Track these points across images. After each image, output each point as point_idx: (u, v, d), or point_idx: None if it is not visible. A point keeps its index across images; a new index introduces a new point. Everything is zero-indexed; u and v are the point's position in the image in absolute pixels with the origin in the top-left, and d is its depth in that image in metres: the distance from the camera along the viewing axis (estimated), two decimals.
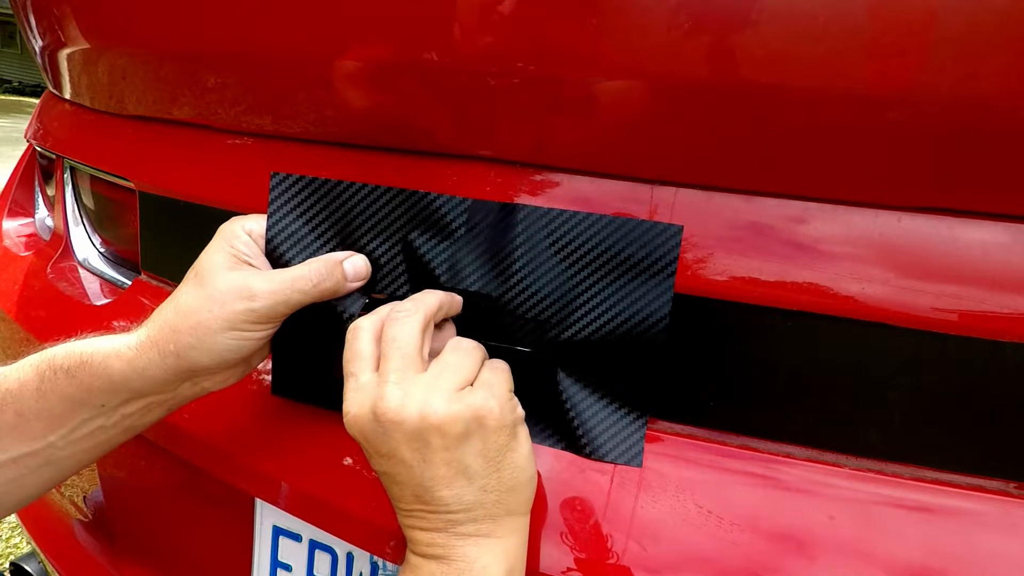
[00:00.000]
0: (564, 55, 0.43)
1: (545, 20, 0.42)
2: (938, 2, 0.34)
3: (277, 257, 0.50)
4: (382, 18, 0.48)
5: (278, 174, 0.50)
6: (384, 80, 0.50)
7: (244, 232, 0.48)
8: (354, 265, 0.48)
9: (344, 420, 0.41)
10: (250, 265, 0.47)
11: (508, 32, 0.43)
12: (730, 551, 0.42)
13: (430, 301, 0.44)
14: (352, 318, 0.49)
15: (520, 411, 0.44)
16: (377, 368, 0.41)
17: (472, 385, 0.42)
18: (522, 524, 0.43)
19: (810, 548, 0.42)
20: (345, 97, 0.53)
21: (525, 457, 0.43)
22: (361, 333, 0.43)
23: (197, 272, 0.46)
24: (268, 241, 0.50)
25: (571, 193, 0.47)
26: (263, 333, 0.46)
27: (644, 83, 0.42)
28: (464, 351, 0.43)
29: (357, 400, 0.41)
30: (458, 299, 0.47)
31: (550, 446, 0.48)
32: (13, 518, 1.67)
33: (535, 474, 0.44)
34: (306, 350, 0.52)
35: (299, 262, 0.49)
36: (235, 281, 0.45)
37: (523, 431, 0.43)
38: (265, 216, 0.50)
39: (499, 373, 0.44)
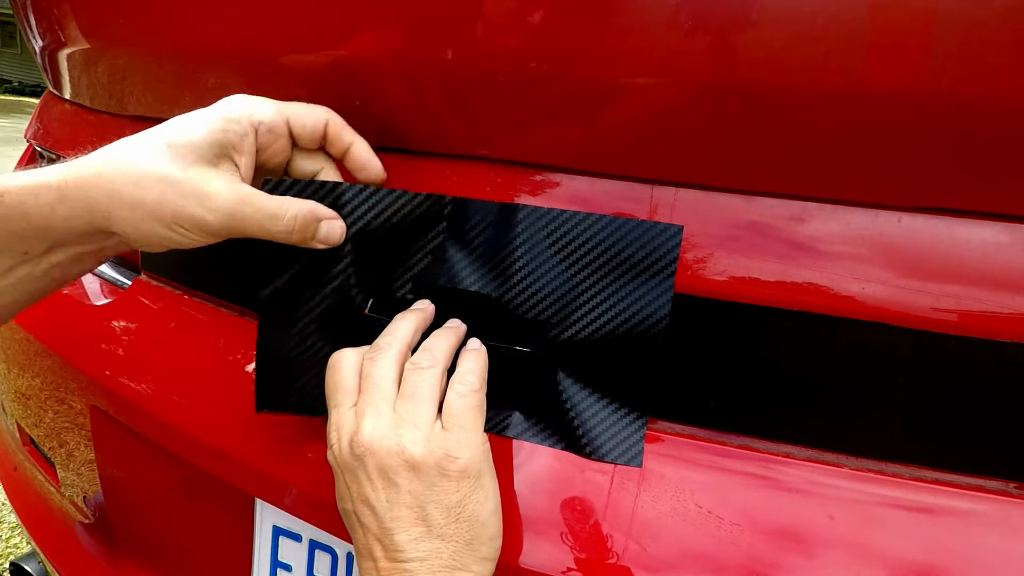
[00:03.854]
0: (565, 55, 0.43)
1: (547, 21, 0.42)
2: (938, 2, 0.34)
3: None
4: (383, 18, 0.48)
5: (270, 180, 0.46)
6: (383, 80, 0.50)
7: (250, 121, 0.43)
8: (330, 227, 0.45)
9: (327, 451, 0.43)
10: (229, 159, 0.42)
11: (510, 33, 0.43)
12: (730, 551, 0.42)
13: (404, 331, 0.45)
14: (345, 320, 0.49)
15: (489, 456, 0.43)
16: (357, 402, 0.43)
17: (442, 420, 0.42)
18: None
19: (810, 548, 0.42)
20: (345, 97, 0.53)
21: (489, 511, 0.41)
22: (344, 365, 0.44)
23: (175, 132, 0.41)
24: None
25: (571, 193, 0.47)
26: (201, 241, 0.42)
27: (644, 83, 0.42)
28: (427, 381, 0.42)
29: (337, 432, 0.42)
30: (431, 308, 0.48)
31: (550, 446, 0.48)
32: (13, 518, 1.67)
33: (498, 534, 0.42)
34: (297, 360, 0.50)
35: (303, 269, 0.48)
36: (202, 179, 0.40)
37: (490, 482, 0.42)
38: (279, 106, 0.45)
39: (475, 412, 0.42)
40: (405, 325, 0.46)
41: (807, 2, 0.36)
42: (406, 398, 0.42)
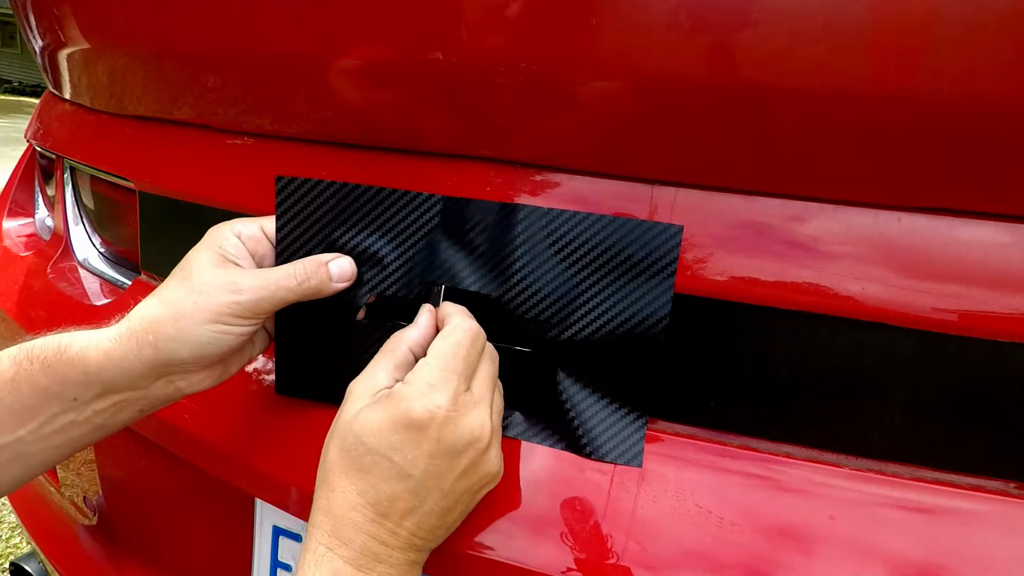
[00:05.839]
0: (565, 55, 0.43)
1: (546, 20, 0.42)
2: (938, 2, 0.34)
3: (285, 260, 0.50)
4: (382, 18, 0.48)
5: (283, 178, 0.50)
6: (384, 80, 0.50)
7: (233, 234, 0.49)
8: (339, 266, 0.49)
9: (362, 422, 0.40)
10: (236, 265, 0.48)
11: (509, 32, 0.43)
12: (730, 551, 0.42)
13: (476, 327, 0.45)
14: (354, 313, 0.50)
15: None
16: (409, 377, 0.42)
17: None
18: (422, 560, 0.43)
19: (810, 548, 0.42)
20: (345, 97, 0.53)
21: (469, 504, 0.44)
22: (403, 343, 0.45)
23: (183, 268, 0.47)
24: (278, 244, 0.50)
25: (571, 193, 0.47)
26: (244, 329, 0.46)
27: (645, 83, 0.42)
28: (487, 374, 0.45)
29: (393, 403, 0.40)
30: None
31: (550, 446, 0.48)
32: (13, 518, 1.67)
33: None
34: (311, 349, 0.53)
35: None
36: (221, 276, 0.46)
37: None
38: (254, 220, 0.51)
39: (494, 404, 0.44)
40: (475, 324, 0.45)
41: (807, 2, 0.36)
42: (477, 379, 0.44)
